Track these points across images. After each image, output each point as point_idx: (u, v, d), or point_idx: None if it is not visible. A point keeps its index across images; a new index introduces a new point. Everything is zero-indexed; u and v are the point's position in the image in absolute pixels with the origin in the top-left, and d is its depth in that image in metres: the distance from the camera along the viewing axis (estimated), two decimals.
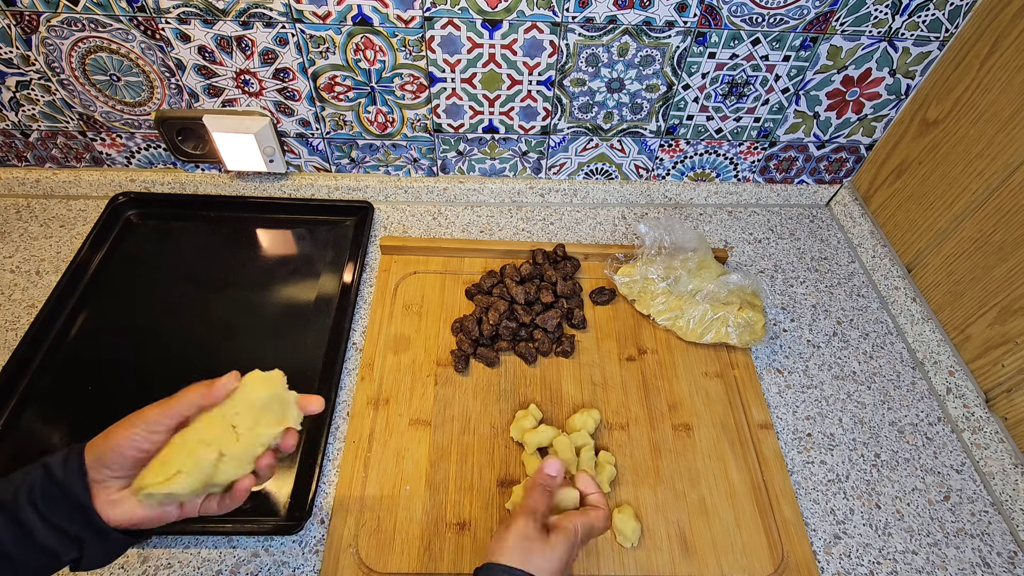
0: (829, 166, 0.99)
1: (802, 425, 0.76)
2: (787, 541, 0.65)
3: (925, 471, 0.72)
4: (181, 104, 0.85)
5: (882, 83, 0.86)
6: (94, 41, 0.76)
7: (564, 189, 0.98)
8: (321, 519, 0.65)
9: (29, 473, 0.42)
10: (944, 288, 0.81)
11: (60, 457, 0.42)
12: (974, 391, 0.75)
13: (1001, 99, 0.72)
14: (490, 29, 0.76)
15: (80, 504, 0.41)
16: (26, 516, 0.40)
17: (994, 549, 0.67)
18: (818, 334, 0.85)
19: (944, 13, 0.77)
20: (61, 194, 0.95)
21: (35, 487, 0.41)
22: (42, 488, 0.41)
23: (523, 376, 0.77)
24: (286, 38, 0.76)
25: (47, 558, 0.41)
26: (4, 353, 0.75)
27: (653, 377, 0.78)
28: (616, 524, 0.64)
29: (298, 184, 0.95)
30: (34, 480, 0.41)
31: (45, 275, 0.85)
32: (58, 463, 0.42)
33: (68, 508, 0.41)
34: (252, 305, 0.83)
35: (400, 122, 0.88)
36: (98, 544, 0.43)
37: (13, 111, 0.85)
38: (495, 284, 0.83)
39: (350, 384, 0.76)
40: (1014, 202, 0.70)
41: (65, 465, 0.42)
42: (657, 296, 0.82)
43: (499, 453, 0.70)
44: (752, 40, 0.79)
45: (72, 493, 0.41)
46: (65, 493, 0.41)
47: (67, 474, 0.41)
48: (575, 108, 0.87)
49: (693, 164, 0.97)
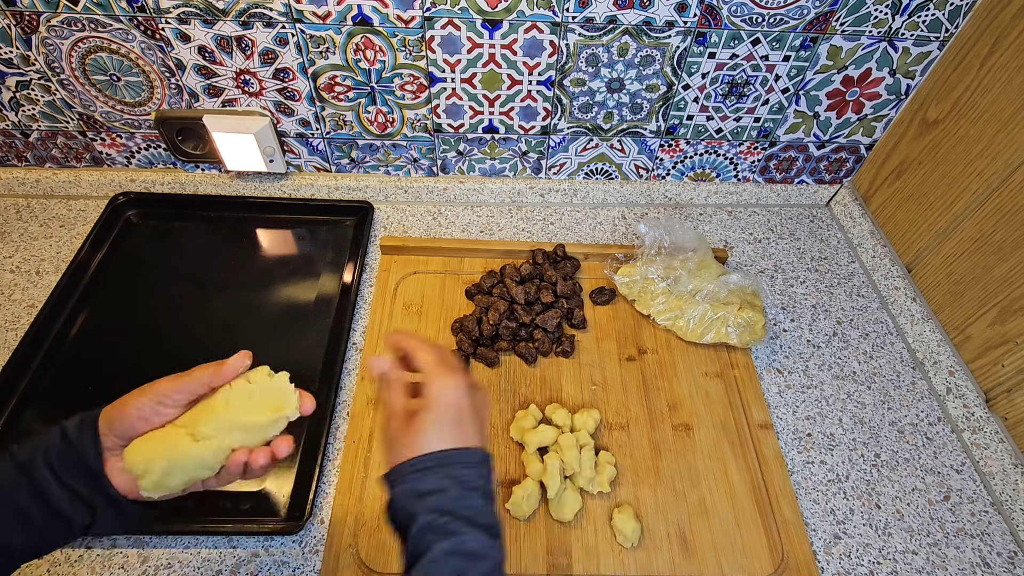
0: (829, 166, 0.99)
1: (802, 425, 0.76)
2: (787, 541, 0.65)
3: (925, 471, 0.72)
4: (181, 104, 0.85)
5: (882, 83, 0.86)
6: (94, 41, 0.76)
7: (564, 189, 0.98)
8: (321, 519, 0.65)
9: (48, 435, 0.42)
10: (944, 288, 0.81)
11: (76, 421, 0.43)
12: (974, 391, 0.75)
13: (1001, 99, 0.72)
14: (490, 29, 0.76)
15: (92, 470, 0.42)
16: (42, 476, 0.40)
17: (994, 549, 0.67)
18: (818, 334, 0.85)
19: (944, 13, 0.77)
20: (61, 194, 0.95)
21: (52, 449, 0.41)
22: (58, 450, 0.41)
23: (523, 376, 0.77)
24: (286, 38, 0.76)
25: (62, 521, 0.41)
26: (4, 353, 0.75)
27: (653, 377, 0.78)
28: (616, 524, 0.64)
29: (298, 184, 0.95)
30: (51, 442, 0.42)
31: (45, 275, 0.85)
32: (73, 427, 0.42)
33: (82, 472, 0.42)
34: (252, 305, 0.83)
35: (400, 122, 0.88)
36: (110, 510, 0.43)
37: (13, 111, 0.85)
38: (495, 284, 0.83)
39: (350, 384, 0.76)
40: (1014, 202, 0.70)
41: (80, 429, 0.42)
42: (657, 296, 0.82)
43: (499, 453, 0.70)
44: (752, 40, 0.79)
45: (85, 458, 0.42)
46: (79, 457, 0.42)
47: (81, 439, 0.42)
48: (575, 108, 0.87)
49: (693, 164, 0.97)
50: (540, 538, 0.64)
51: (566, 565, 0.62)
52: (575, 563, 0.63)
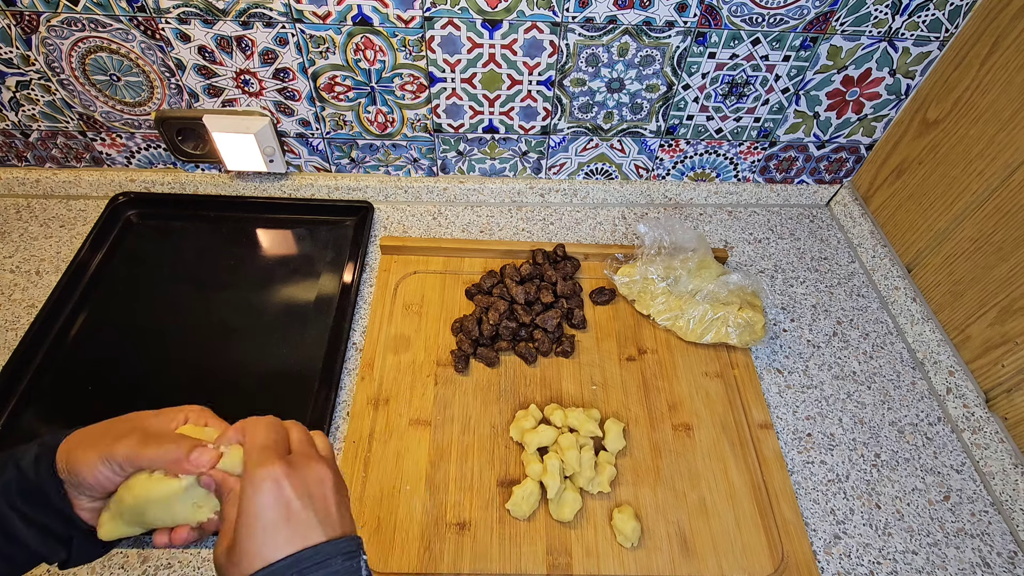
0: (829, 166, 0.99)
1: (802, 425, 0.76)
2: (787, 541, 0.65)
3: (925, 471, 0.72)
4: (181, 104, 0.85)
5: (882, 83, 0.86)
6: (94, 41, 0.76)
7: (564, 189, 0.98)
8: None
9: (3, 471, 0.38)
10: (944, 288, 0.81)
11: (31, 458, 0.39)
12: (974, 391, 0.75)
13: (1001, 99, 0.72)
14: (490, 29, 0.76)
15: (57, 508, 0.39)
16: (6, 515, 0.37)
17: (994, 549, 0.67)
18: (818, 334, 0.85)
19: (944, 13, 0.77)
20: (61, 194, 0.95)
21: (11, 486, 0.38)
22: (18, 487, 0.38)
23: (523, 376, 0.77)
24: (286, 38, 0.76)
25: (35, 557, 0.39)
26: (4, 353, 0.75)
27: (653, 377, 0.78)
28: (616, 524, 0.64)
29: (298, 184, 0.95)
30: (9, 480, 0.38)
31: (45, 275, 0.85)
32: (29, 464, 0.38)
33: (48, 509, 0.39)
34: (252, 305, 0.83)
35: (400, 122, 0.88)
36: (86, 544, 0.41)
37: (13, 111, 0.85)
38: (495, 284, 0.83)
39: (350, 384, 0.76)
40: (1014, 202, 0.70)
41: (37, 467, 0.38)
42: (657, 296, 0.82)
43: (499, 453, 0.70)
44: (752, 40, 0.79)
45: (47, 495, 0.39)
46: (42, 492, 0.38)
47: (40, 478, 0.38)
48: (575, 108, 0.87)
49: (693, 164, 0.97)
50: (540, 538, 0.64)
51: (566, 565, 0.62)
52: (575, 563, 0.63)
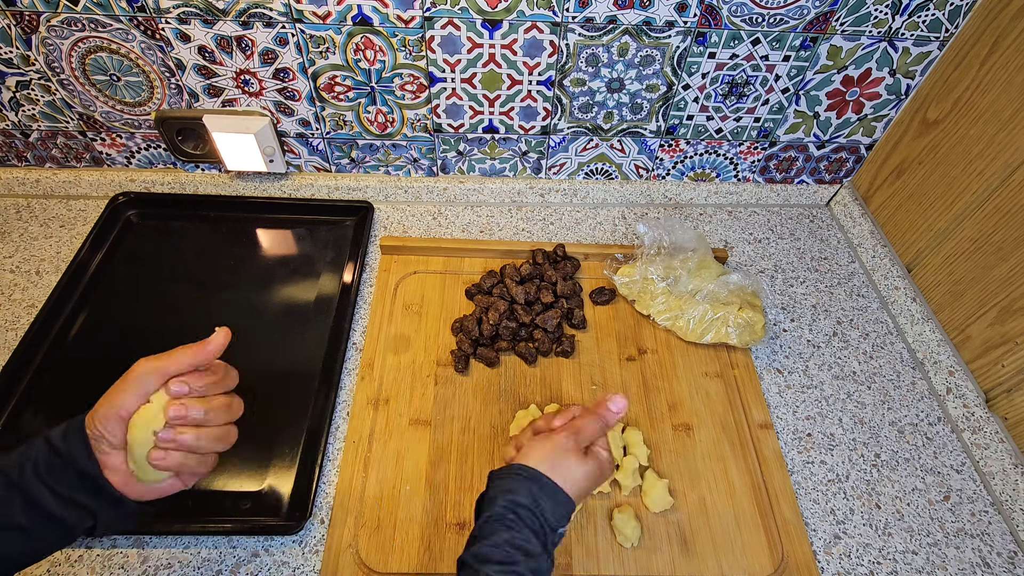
0: (829, 166, 0.99)
1: (802, 425, 0.76)
2: (787, 541, 0.65)
3: (925, 471, 0.72)
4: (181, 104, 0.85)
5: (882, 83, 0.86)
6: (94, 41, 0.76)
7: (564, 189, 0.98)
8: (321, 519, 0.65)
9: (32, 447, 0.42)
10: (944, 288, 0.81)
11: (60, 430, 0.42)
12: (974, 391, 0.75)
13: (1001, 99, 0.72)
14: (490, 29, 0.76)
15: (87, 474, 0.41)
16: (36, 490, 0.40)
17: (994, 549, 0.67)
18: (818, 334, 0.85)
19: (944, 13, 0.77)
20: (61, 194, 0.95)
21: (40, 462, 0.41)
22: (47, 462, 0.41)
23: (523, 376, 0.77)
24: (286, 38, 0.76)
25: (61, 528, 0.41)
26: (4, 353, 0.75)
27: (653, 377, 0.78)
28: (616, 524, 0.64)
29: (298, 184, 0.95)
30: (39, 455, 0.41)
31: (45, 275, 0.85)
32: (58, 436, 0.42)
33: (76, 479, 0.41)
34: (252, 305, 0.83)
35: (400, 122, 0.88)
36: (112, 511, 0.43)
37: (13, 111, 0.85)
38: (495, 284, 0.83)
39: (350, 384, 0.76)
40: (1014, 202, 0.70)
41: (66, 437, 0.42)
42: (657, 296, 0.82)
43: (499, 453, 0.70)
44: (752, 40, 0.79)
45: (78, 465, 0.41)
46: (71, 464, 0.41)
47: (69, 446, 0.41)
48: (575, 108, 0.87)
49: (693, 164, 0.97)
50: None
51: (566, 565, 0.62)
52: (575, 563, 0.63)
